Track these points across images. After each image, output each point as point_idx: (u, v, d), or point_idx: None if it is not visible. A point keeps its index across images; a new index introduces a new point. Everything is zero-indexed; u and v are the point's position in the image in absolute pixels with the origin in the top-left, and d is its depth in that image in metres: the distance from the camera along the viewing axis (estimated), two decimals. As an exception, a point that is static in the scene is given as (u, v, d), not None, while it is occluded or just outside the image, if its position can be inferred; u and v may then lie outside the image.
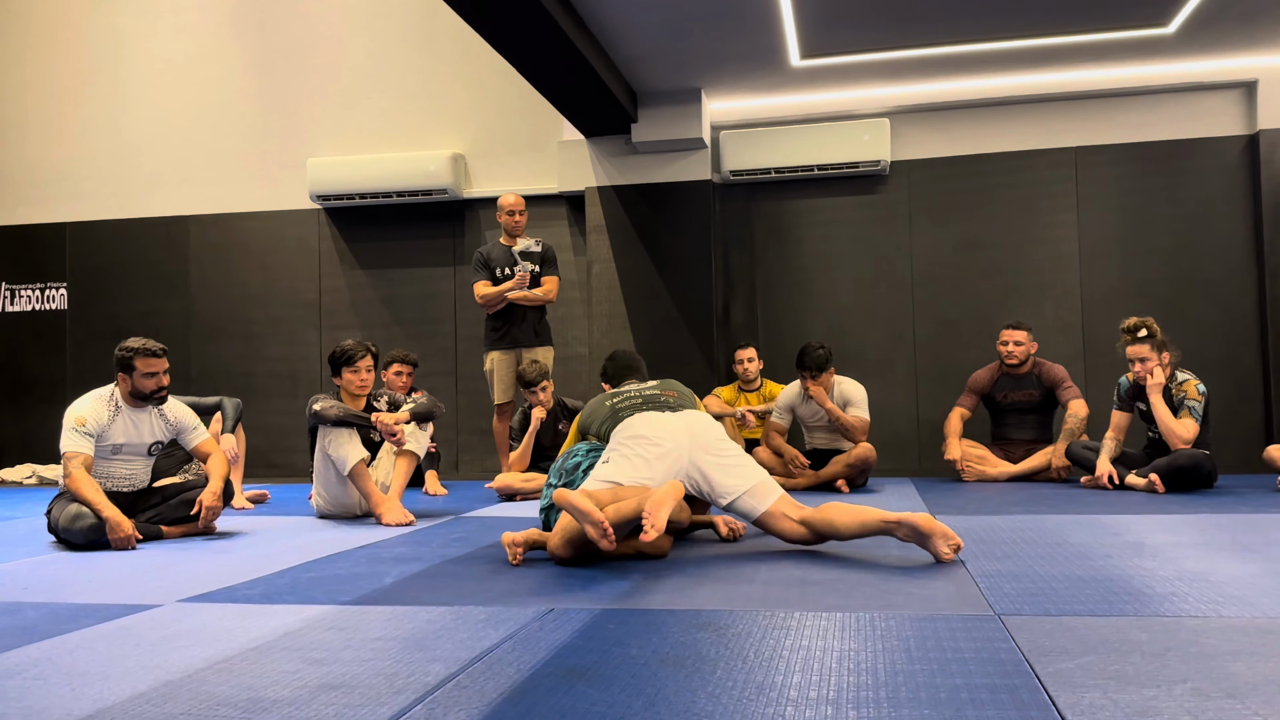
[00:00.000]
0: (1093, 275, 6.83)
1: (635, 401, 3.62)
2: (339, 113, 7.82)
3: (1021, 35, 6.04)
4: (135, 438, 4.18)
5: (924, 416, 6.93)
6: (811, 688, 1.74)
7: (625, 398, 3.67)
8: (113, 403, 4.13)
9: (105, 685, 1.85)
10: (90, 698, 1.77)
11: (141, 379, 4.10)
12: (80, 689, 1.83)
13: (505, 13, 4.95)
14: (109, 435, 4.09)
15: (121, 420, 4.13)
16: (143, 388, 4.11)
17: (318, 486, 4.73)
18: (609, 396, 3.73)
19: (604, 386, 4.11)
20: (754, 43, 5.99)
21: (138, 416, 4.18)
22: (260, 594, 2.76)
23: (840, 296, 7.14)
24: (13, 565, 3.45)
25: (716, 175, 7.17)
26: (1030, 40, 6.11)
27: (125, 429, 4.14)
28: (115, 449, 4.13)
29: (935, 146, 7.04)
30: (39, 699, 1.78)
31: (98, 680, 1.89)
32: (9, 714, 1.69)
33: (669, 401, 3.63)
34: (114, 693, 1.80)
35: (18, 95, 8.34)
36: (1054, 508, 4.42)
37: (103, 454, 4.11)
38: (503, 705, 1.68)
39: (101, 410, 4.08)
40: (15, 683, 1.89)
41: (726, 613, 2.36)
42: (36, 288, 8.23)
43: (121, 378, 4.13)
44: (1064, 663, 1.85)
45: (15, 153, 8.32)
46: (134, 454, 4.20)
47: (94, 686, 1.85)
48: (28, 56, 8.33)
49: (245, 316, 7.85)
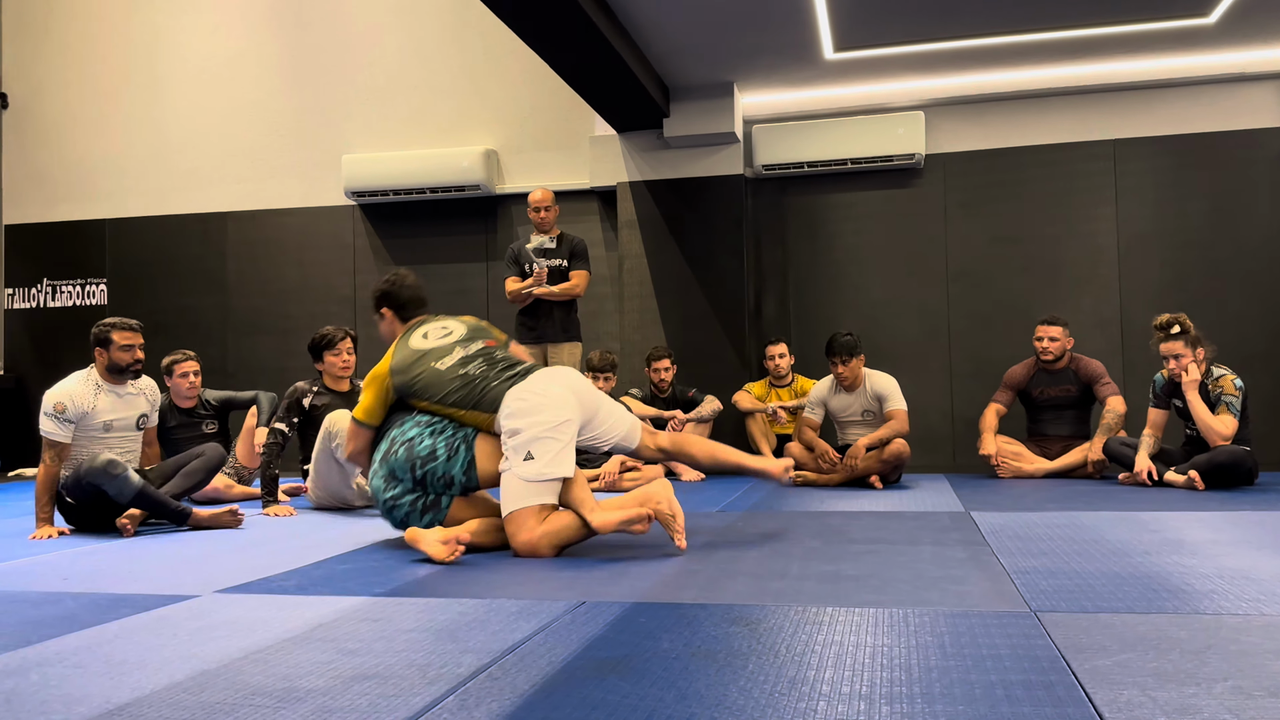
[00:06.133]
0: (1131, 269, 6.74)
1: (493, 370, 3.40)
2: (373, 109, 7.87)
3: (1059, 27, 5.96)
4: (123, 412, 4.36)
5: (959, 412, 6.87)
6: (844, 683, 1.73)
7: (467, 360, 3.44)
8: (91, 382, 4.29)
9: (143, 674, 1.88)
10: (129, 686, 1.80)
11: (119, 351, 4.29)
12: (119, 677, 1.86)
13: (539, 9, 4.95)
14: (96, 414, 4.25)
15: (104, 398, 4.30)
16: (120, 360, 4.29)
17: (317, 481, 4.91)
18: (438, 355, 3.46)
19: (384, 312, 3.74)
20: (787, 36, 5.96)
21: (120, 392, 4.36)
22: (295, 585, 2.78)
23: (873, 291, 7.09)
24: (52, 556, 3.51)
25: (749, 170, 7.14)
26: (1067, 32, 6.02)
27: (111, 404, 4.31)
28: (106, 426, 4.29)
29: (970, 139, 6.96)
30: (79, 687, 1.81)
31: (136, 669, 1.92)
32: (50, 701, 1.72)
33: (521, 364, 3.50)
34: (152, 681, 1.83)
35: (60, 95, 8.47)
36: (1091, 504, 4.37)
37: (95, 433, 4.26)
38: (534, 697, 1.68)
39: (81, 391, 4.24)
40: (56, 670, 1.92)
41: (758, 607, 2.35)
42: (77, 283, 8.36)
43: (99, 353, 4.32)
44: (1101, 660, 1.83)
45: (57, 151, 8.46)
46: (125, 429, 4.38)
47: (132, 675, 1.87)
48: (70, 57, 8.45)
49: (281, 312, 7.93)
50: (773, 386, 6.57)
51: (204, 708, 1.66)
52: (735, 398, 6.46)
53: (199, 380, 5.54)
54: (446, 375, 3.41)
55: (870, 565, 2.90)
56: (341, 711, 1.62)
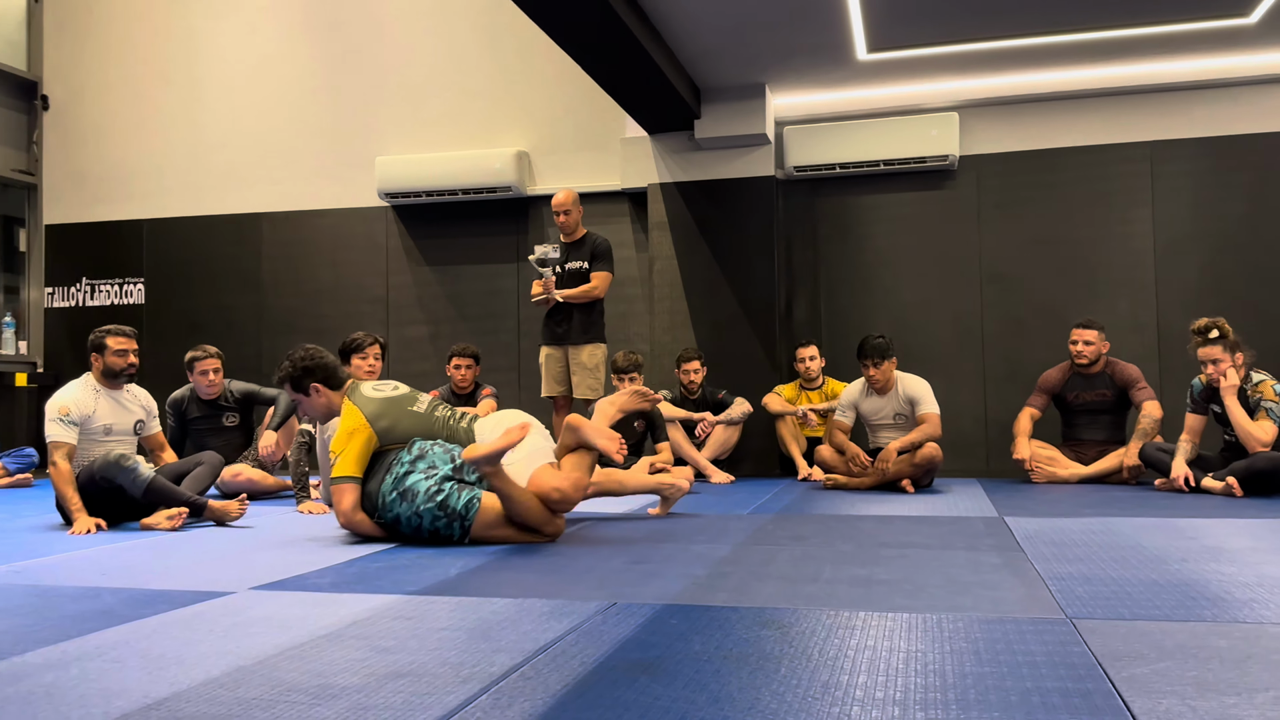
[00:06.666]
0: (1168, 272, 6.65)
1: (453, 415, 3.85)
2: (407, 111, 7.92)
3: (1096, 27, 5.89)
4: (121, 417, 4.55)
5: (992, 416, 6.81)
6: (878, 688, 1.72)
7: (434, 406, 3.85)
8: (90, 388, 4.49)
9: (180, 669, 1.90)
10: (166, 680, 1.82)
11: (113, 356, 4.48)
12: (157, 672, 1.88)
13: (572, 11, 4.97)
14: (96, 418, 4.43)
15: (104, 402, 4.48)
16: (114, 365, 4.48)
17: (322, 478, 4.95)
18: (408, 401, 3.78)
19: (315, 388, 3.81)
20: (820, 37, 5.94)
21: (116, 398, 4.55)
22: (329, 583, 2.81)
23: (905, 294, 7.04)
24: (91, 551, 3.56)
25: (780, 171, 7.11)
26: (1105, 32, 5.95)
27: (110, 409, 4.50)
28: (106, 430, 4.47)
29: (1005, 141, 6.90)
30: (117, 681, 1.83)
31: (173, 664, 1.94)
32: (90, 695, 1.75)
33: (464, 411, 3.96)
34: (189, 676, 1.85)
35: (100, 97, 8.59)
36: (1127, 510, 4.32)
37: (96, 437, 4.43)
38: (567, 697, 1.68)
39: (83, 396, 4.43)
40: (95, 665, 1.95)
41: (790, 611, 2.34)
42: (115, 283, 8.48)
43: (95, 358, 4.50)
44: (1139, 668, 1.81)
45: (96, 152, 8.58)
46: (123, 434, 4.56)
47: (170, 670, 1.90)
48: (110, 60, 8.58)
49: (315, 312, 8.00)
50: (803, 389, 6.55)
51: (241, 703, 1.67)
52: (765, 400, 6.44)
53: (219, 377, 5.66)
54: (426, 418, 3.76)
55: (903, 570, 2.88)
56: (376, 709, 1.63)
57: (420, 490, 3.45)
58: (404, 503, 3.47)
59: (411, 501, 3.46)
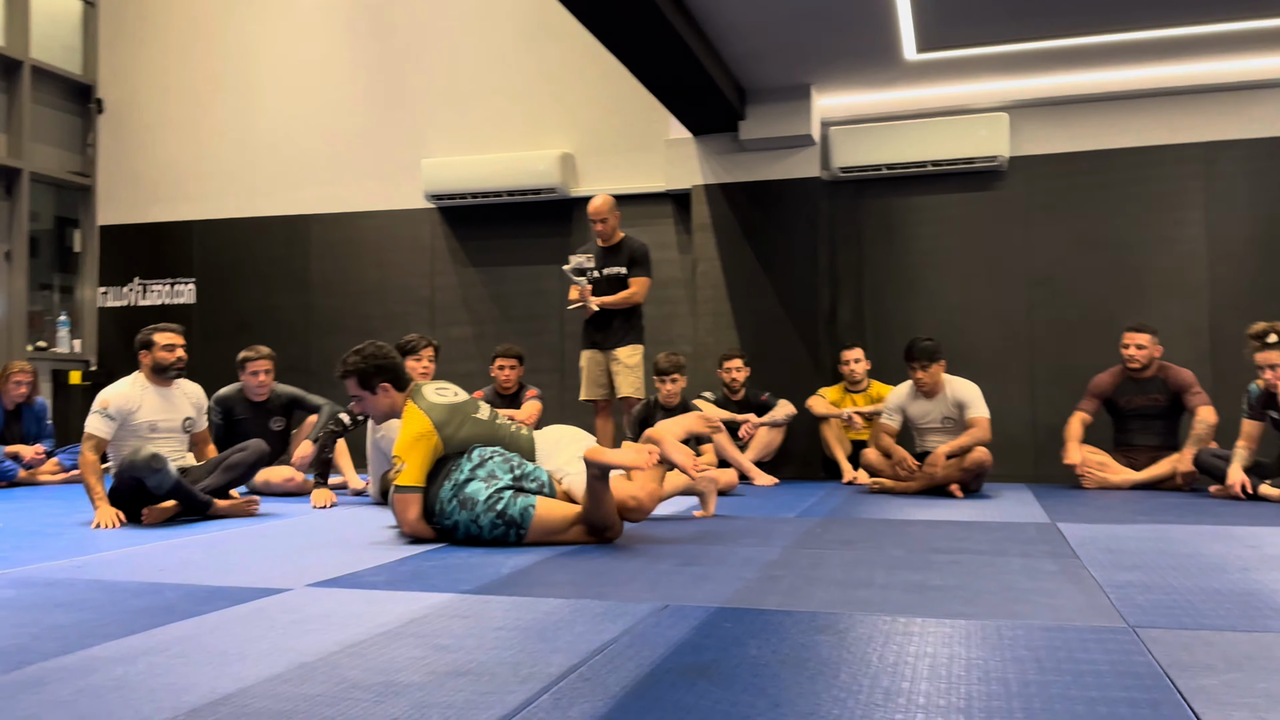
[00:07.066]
0: (1222, 276, 6.52)
1: (508, 421, 3.92)
2: (452, 114, 7.98)
3: (1150, 26, 5.79)
4: (167, 413, 4.59)
5: (1041, 420, 6.71)
6: (940, 695, 1.70)
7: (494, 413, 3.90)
8: (139, 384, 4.56)
9: (244, 665, 1.93)
10: (231, 676, 1.85)
11: (161, 352, 4.55)
12: (221, 668, 1.91)
13: (618, 11, 4.97)
14: (140, 415, 4.49)
15: (151, 399, 4.54)
16: (162, 360, 4.55)
17: (372, 476, 5.12)
18: (470, 408, 3.80)
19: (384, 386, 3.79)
20: (869, 37, 5.89)
21: (166, 394, 4.60)
22: (385, 580, 2.83)
23: (952, 296, 6.97)
24: (148, 548, 3.62)
25: (825, 172, 7.07)
26: (1159, 31, 5.84)
27: (156, 406, 4.55)
28: (150, 427, 4.52)
29: (1056, 142, 6.81)
30: (183, 676, 1.86)
31: (236, 660, 1.97)
32: (157, 689, 1.78)
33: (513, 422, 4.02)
34: (253, 673, 1.87)
35: (153, 101, 8.74)
36: (1182, 517, 4.24)
37: (140, 433, 4.49)
38: (626, 699, 1.69)
39: (129, 392, 4.50)
40: (161, 659, 1.98)
41: (845, 615, 2.33)
42: (166, 283, 8.62)
43: (143, 355, 4.57)
44: (1207, 679, 1.78)
45: (149, 154, 8.73)
46: (170, 430, 4.60)
47: (233, 666, 1.92)
48: (164, 64, 8.72)
49: (361, 312, 8.08)
50: (848, 391, 6.51)
51: (306, 700, 1.70)
52: (809, 402, 6.41)
53: (270, 378, 5.71)
54: (489, 426, 3.80)
55: (957, 576, 2.85)
56: (439, 707, 1.64)
57: (480, 499, 3.48)
58: (463, 510, 3.50)
59: (471, 509, 3.49)
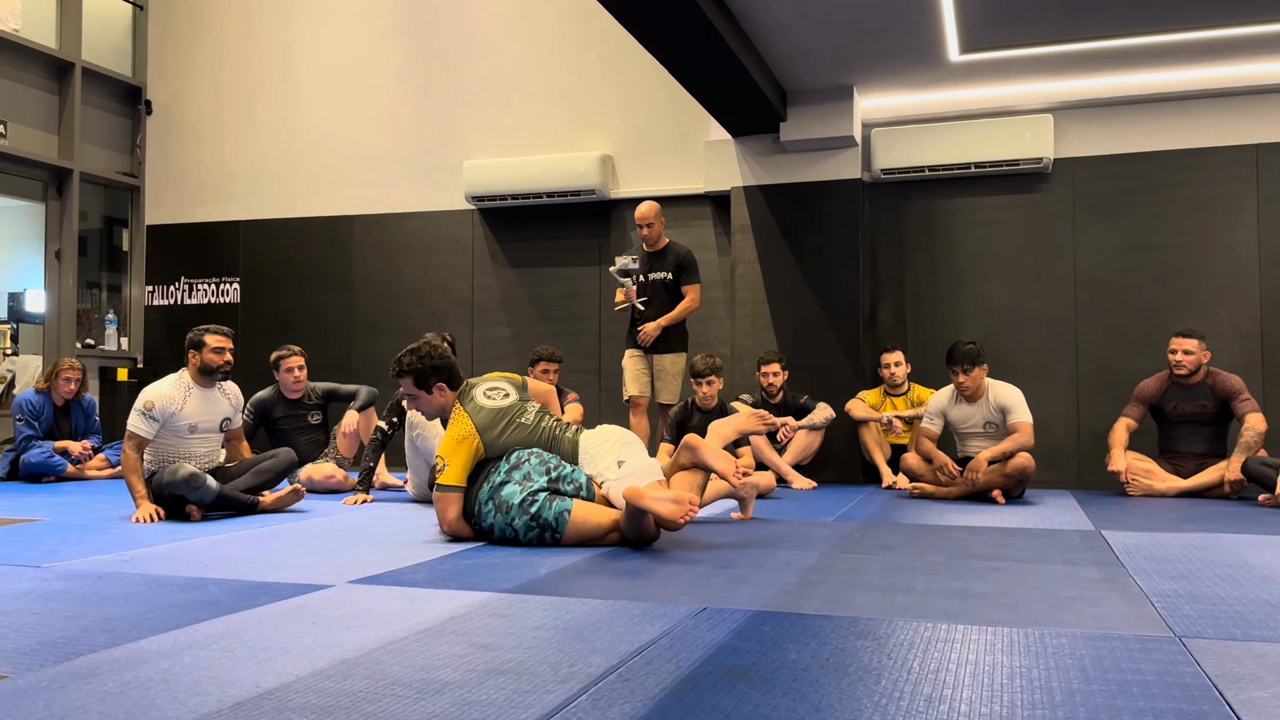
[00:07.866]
0: (1274, 280, 6.39)
1: (558, 425, 3.87)
2: (493, 115, 8.03)
3: (1199, 27, 5.69)
4: (207, 415, 4.65)
5: (1085, 426, 6.62)
6: (982, 703, 1.68)
7: (541, 416, 3.87)
8: (183, 385, 4.59)
9: (287, 660, 1.95)
10: (275, 671, 1.87)
11: (210, 354, 4.59)
12: (265, 662, 1.94)
13: (659, 12, 4.98)
14: (182, 415, 4.53)
15: (193, 400, 4.59)
16: (211, 362, 4.60)
17: (413, 479, 5.26)
18: (515, 412, 3.80)
19: (440, 386, 3.89)
20: (912, 38, 5.85)
21: (207, 395, 4.65)
22: (424, 578, 2.86)
23: (995, 299, 6.89)
24: (192, 543, 3.67)
25: (866, 174, 7.03)
26: (1208, 32, 5.74)
27: (199, 408, 4.61)
28: (191, 428, 4.59)
29: (1102, 144, 6.71)
30: (229, 670, 1.89)
31: (280, 655, 1.99)
32: (204, 681, 1.81)
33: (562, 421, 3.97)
34: (296, 668, 1.89)
35: (200, 103, 8.89)
36: (1230, 526, 4.16)
37: (180, 434, 4.55)
38: (665, 701, 1.68)
39: (172, 392, 4.54)
40: (206, 653, 2.01)
41: (885, 621, 2.31)
42: (212, 282, 8.76)
43: (192, 355, 4.62)
44: (1257, 691, 1.74)
45: (196, 156, 8.88)
46: (208, 431, 4.67)
47: (277, 661, 1.95)
48: (210, 67, 8.86)
49: (402, 312, 8.15)
50: (888, 395, 6.45)
51: (348, 695, 1.71)
52: (849, 406, 6.37)
53: (304, 375, 5.89)
54: (533, 429, 3.79)
55: (999, 583, 2.82)
56: (480, 705, 1.65)
57: (515, 502, 3.51)
58: (498, 513, 3.53)
59: (506, 512, 3.52)
